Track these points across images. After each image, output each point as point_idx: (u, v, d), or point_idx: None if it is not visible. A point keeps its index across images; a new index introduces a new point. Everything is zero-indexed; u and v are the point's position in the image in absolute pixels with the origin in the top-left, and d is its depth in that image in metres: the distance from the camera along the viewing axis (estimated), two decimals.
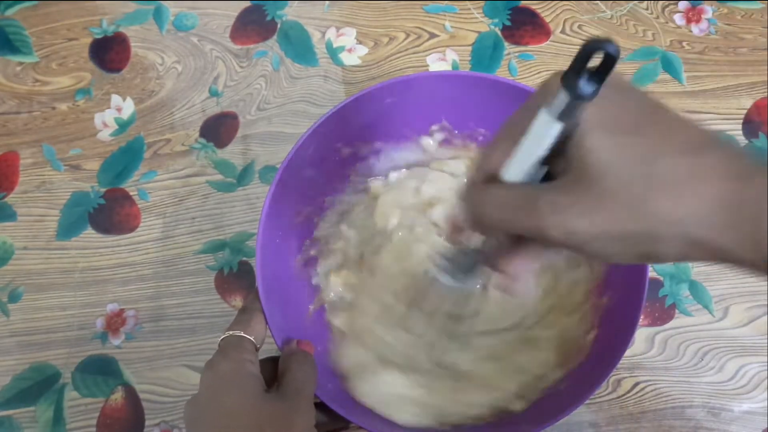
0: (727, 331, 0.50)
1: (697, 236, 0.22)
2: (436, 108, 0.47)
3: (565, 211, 0.23)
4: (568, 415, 0.38)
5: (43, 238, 0.54)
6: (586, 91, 0.21)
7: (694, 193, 0.22)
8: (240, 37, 0.60)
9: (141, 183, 0.55)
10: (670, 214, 0.22)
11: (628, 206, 0.22)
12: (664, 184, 0.22)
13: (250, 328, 0.37)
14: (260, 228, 0.40)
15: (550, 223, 0.23)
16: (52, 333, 0.51)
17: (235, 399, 0.32)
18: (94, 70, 0.60)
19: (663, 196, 0.22)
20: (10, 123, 0.58)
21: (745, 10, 0.60)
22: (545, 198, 0.24)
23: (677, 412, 0.48)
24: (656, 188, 0.22)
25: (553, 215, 0.23)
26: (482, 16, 0.61)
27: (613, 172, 0.22)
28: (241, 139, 0.56)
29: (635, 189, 0.22)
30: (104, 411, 0.49)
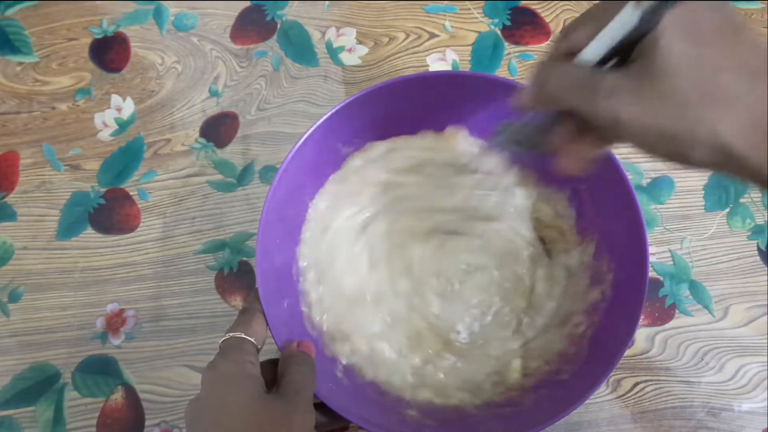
0: (727, 331, 0.50)
1: (730, 149, 0.24)
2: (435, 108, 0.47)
3: (620, 96, 0.25)
4: (567, 415, 0.38)
5: (43, 238, 0.54)
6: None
7: (740, 110, 0.24)
8: (240, 37, 0.60)
9: (141, 183, 0.55)
10: (712, 124, 0.24)
11: (680, 107, 0.25)
12: (718, 98, 0.24)
13: (251, 329, 0.37)
14: (260, 228, 0.40)
15: (602, 105, 0.26)
16: (52, 333, 0.51)
17: (235, 400, 0.32)
18: (94, 70, 0.60)
19: (714, 107, 0.24)
20: (10, 123, 0.58)
21: (745, 10, 0.60)
22: (607, 81, 0.26)
23: (677, 412, 0.48)
24: (708, 98, 0.24)
25: (608, 99, 0.26)
26: (482, 16, 0.61)
27: (677, 73, 0.24)
28: (241, 139, 0.56)
29: (692, 94, 0.24)
30: (104, 411, 0.49)
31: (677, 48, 0.24)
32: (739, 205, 0.54)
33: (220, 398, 0.33)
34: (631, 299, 0.40)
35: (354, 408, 0.41)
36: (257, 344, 0.37)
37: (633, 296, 0.40)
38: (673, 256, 0.52)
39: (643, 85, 0.25)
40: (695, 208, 0.54)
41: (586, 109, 0.27)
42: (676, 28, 0.25)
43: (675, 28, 0.25)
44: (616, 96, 0.25)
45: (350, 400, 0.43)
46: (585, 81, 0.27)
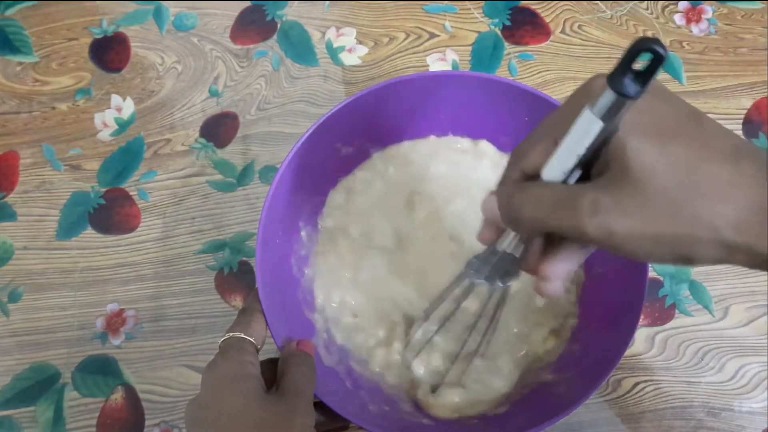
0: (727, 331, 0.50)
1: (733, 241, 0.23)
2: (436, 108, 0.47)
3: (607, 210, 0.24)
4: (568, 415, 0.38)
5: (43, 238, 0.54)
6: (631, 91, 0.22)
7: (733, 198, 0.23)
8: (240, 37, 0.60)
9: (141, 183, 0.55)
10: (709, 219, 0.23)
11: (670, 209, 0.23)
12: (705, 190, 0.23)
13: (251, 329, 0.37)
14: (260, 228, 0.40)
15: (590, 222, 0.24)
16: (52, 333, 0.51)
17: (235, 400, 0.32)
18: (94, 70, 0.60)
19: (703, 202, 0.23)
20: (10, 123, 0.58)
21: (745, 10, 0.60)
22: (587, 197, 0.24)
23: (677, 412, 0.48)
24: (697, 194, 0.23)
25: (594, 214, 0.24)
26: (482, 16, 0.61)
27: (656, 175, 0.23)
28: (241, 139, 0.56)
29: (677, 193, 0.23)
30: (104, 411, 0.49)
31: (647, 148, 0.23)
32: None
33: (221, 398, 0.33)
34: (631, 299, 0.40)
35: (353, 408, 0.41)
36: (257, 344, 0.37)
37: (633, 296, 0.40)
38: None
39: (626, 195, 0.24)
40: None
41: (573, 230, 0.25)
42: (638, 128, 0.24)
43: (637, 129, 0.24)
44: (601, 211, 0.24)
45: (350, 399, 0.43)
46: (564, 200, 0.25)
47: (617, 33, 0.59)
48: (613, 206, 0.24)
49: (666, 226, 0.23)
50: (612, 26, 0.60)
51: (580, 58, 0.58)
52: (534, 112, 0.44)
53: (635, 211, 0.23)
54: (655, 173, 0.23)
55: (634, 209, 0.23)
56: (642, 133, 0.24)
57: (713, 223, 0.23)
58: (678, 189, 0.23)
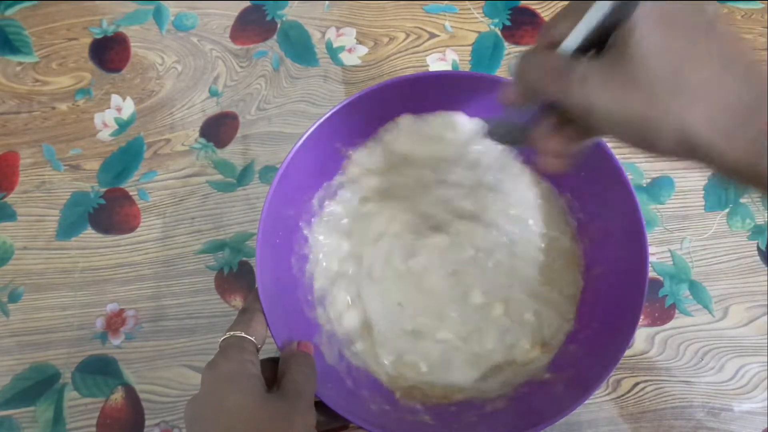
0: (727, 331, 0.50)
1: (696, 138, 0.25)
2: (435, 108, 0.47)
3: (594, 86, 0.26)
4: (567, 415, 0.38)
5: (43, 238, 0.54)
6: None
7: (705, 99, 0.25)
8: (240, 37, 0.60)
9: (141, 183, 0.55)
10: (682, 114, 0.25)
11: (650, 95, 0.25)
12: (687, 88, 0.25)
13: (251, 328, 0.37)
14: (260, 228, 0.40)
15: (576, 93, 0.26)
16: (52, 333, 0.51)
17: (235, 399, 0.32)
18: (94, 70, 0.60)
19: (682, 98, 0.25)
20: (10, 123, 0.58)
21: (745, 10, 0.60)
22: (579, 68, 0.27)
23: (677, 412, 0.48)
24: (680, 89, 0.25)
25: (581, 87, 0.26)
26: (482, 16, 0.61)
27: (649, 62, 0.25)
28: (241, 139, 0.56)
29: (662, 83, 0.25)
30: (104, 411, 0.49)
31: (650, 38, 0.25)
32: (739, 205, 0.54)
33: (221, 397, 0.33)
34: (631, 299, 0.40)
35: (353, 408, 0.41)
36: (257, 343, 0.37)
37: (633, 296, 0.40)
38: (673, 256, 0.52)
39: (615, 73, 0.26)
40: (695, 208, 0.54)
41: (560, 96, 0.27)
42: (650, 18, 0.25)
43: (649, 18, 0.25)
44: (588, 83, 0.26)
45: (350, 399, 0.43)
46: (560, 69, 0.27)
47: None
48: (600, 81, 0.26)
49: (639, 109, 0.25)
50: None
51: None
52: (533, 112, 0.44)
53: (617, 90, 0.25)
54: (649, 61, 0.25)
55: (617, 88, 0.25)
56: (651, 23, 0.25)
57: (681, 118, 0.25)
58: (662, 80, 0.25)
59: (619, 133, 0.27)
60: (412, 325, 0.47)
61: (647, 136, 0.26)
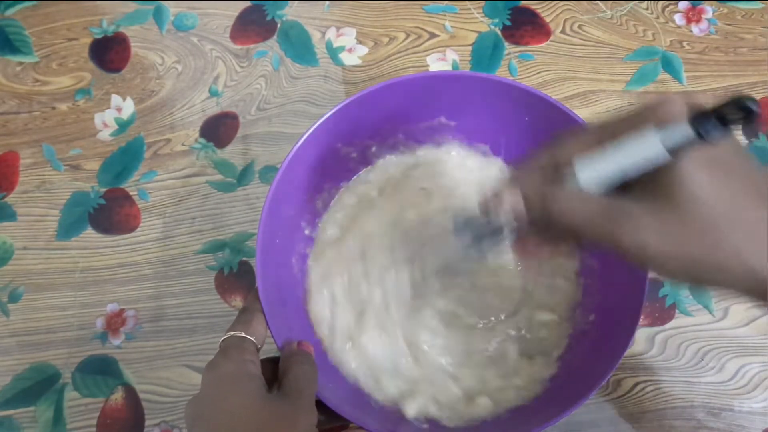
0: (728, 331, 0.50)
1: (757, 271, 0.25)
2: (436, 108, 0.47)
3: (645, 228, 0.26)
4: (568, 415, 0.38)
5: (43, 238, 0.54)
6: (714, 135, 0.23)
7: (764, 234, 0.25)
8: (240, 37, 0.60)
9: (141, 183, 0.55)
10: (740, 248, 0.25)
11: (707, 234, 0.25)
12: (743, 224, 0.25)
13: (251, 328, 0.37)
14: (260, 228, 0.40)
15: (626, 236, 0.26)
16: (52, 333, 0.51)
17: (236, 399, 0.32)
18: (94, 70, 0.60)
19: (739, 233, 0.25)
20: (10, 123, 0.58)
21: (745, 10, 0.60)
22: (627, 212, 0.26)
23: (677, 412, 0.48)
24: (736, 225, 0.25)
25: (632, 230, 0.26)
26: (482, 16, 0.61)
27: (703, 202, 0.25)
28: (241, 139, 0.56)
29: (717, 221, 0.25)
30: (104, 411, 0.49)
31: (699, 177, 0.25)
32: None
33: (222, 397, 0.33)
34: (631, 299, 0.40)
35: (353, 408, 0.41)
36: (258, 343, 0.37)
37: (633, 296, 0.40)
38: None
39: (666, 214, 0.25)
40: None
41: (608, 240, 0.26)
42: (698, 160, 0.25)
43: (696, 159, 0.25)
44: (641, 227, 0.26)
45: (350, 399, 0.43)
46: (607, 213, 0.26)
47: (617, 33, 0.59)
48: (653, 225, 0.25)
49: (699, 249, 0.25)
50: (612, 26, 0.60)
51: (581, 58, 0.58)
52: (534, 112, 0.44)
53: (674, 233, 0.25)
54: (702, 201, 0.25)
55: (672, 229, 0.25)
56: (701, 165, 0.25)
57: (740, 252, 0.25)
58: (718, 218, 0.25)
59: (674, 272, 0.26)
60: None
61: (708, 275, 0.26)
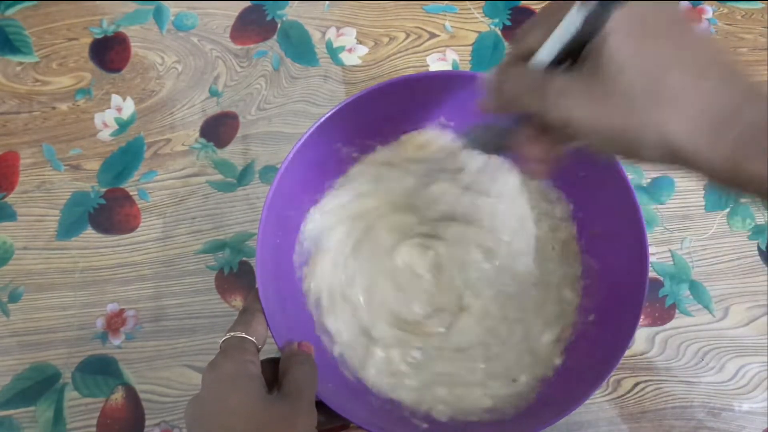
0: (728, 331, 0.50)
1: (678, 147, 0.25)
2: (436, 108, 0.47)
3: (571, 98, 0.26)
4: (568, 415, 0.38)
5: (43, 238, 0.54)
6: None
7: (687, 108, 0.25)
8: (240, 37, 0.60)
9: (141, 183, 0.55)
10: (661, 124, 0.25)
11: (628, 107, 0.25)
12: (665, 97, 0.25)
13: (251, 328, 0.37)
14: (260, 228, 0.40)
15: (554, 106, 0.26)
16: (52, 333, 0.51)
17: (237, 400, 0.32)
18: (94, 70, 0.60)
19: (661, 107, 0.25)
20: (10, 123, 0.58)
21: (745, 10, 0.60)
22: (556, 82, 0.26)
23: (677, 412, 0.48)
24: (657, 98, 0.25)
25: (558, 99, 0.26)
26: (482, 16, 0.61)
27: (625, 73, 0.25)
28: (241, 139, 0.56)
29: (639, 94, 0.25)
30: (104, 411, 0.49)
31: (624, 48, 0.25)
32: (740, 205, 0.54)
33: (222, 398, 0.33)
34: (631, 299, 0.40)
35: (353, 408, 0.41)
36: (258, 344, 0.37)
37: (633, 296, 0.40)
38: (673, 256, 0.52)
39: (591, 86, 0.25)
40: (695, 208, 0.54)
41: (539, 111, 0.27)
42: (623, 27, 0.25)
43: (622, 27, 0.25)
44: (566, 97, 0.26)
45: (350, 399, 0.43)
46: (537, 83, 0.27)
47: None
48: (577, 95, 0.26)
49: (619, 121, 0.25)
50: None
51: None
52: None
53: (595, 103, 0.25)
54: (624, 72, 0.25)
55: (595, 101, 0.25)
56: (624, 32, 0.25)
57: (661, 129, 0.25)
58: (639, 90, 0.25)
59: (601, 145, 0.27)
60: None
61: (629, 147, 0.26)
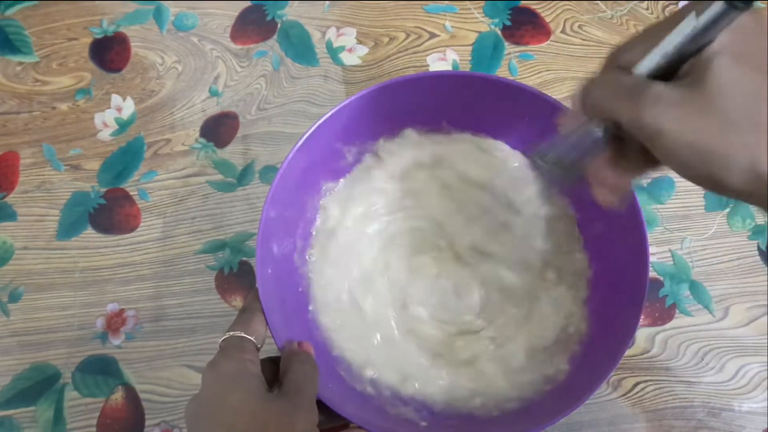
0: (728, 331, 0.50)
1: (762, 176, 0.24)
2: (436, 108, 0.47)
3: (666, 108, 0.25)
4: (568, 415, 0.38)
5: (43, 238, 0.54)
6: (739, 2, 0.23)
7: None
8: (240, 36, 0.60)
9: (141, 183, 0.55)
10: (756, 150, 0.24)
11: (725, 128, 0.24)
12: (762, 126, 0.24)
13: (251, 328, 0.37)
14: (260, 228, 0.40)
15: (647, 112, 0.25)
16: (52, 333, 0.51)
17: (237, 398, 0.32)
18: (94, 70, 0.60)
19: (757, 133, 0.24)
20: (10, 123, 0.58)
21: None
22: (654, 90, 0.26)
23: (677, 412, 0.48)
24: (757, 126, 0.24)
25: (653, 107, 0.25)
26: (482, 16, 0.61)
27: (728, 95, 0.24)
28: (241, 139, 0.56)
29: (739, 118, 0.24)
30: (104, 411, 0.49)
31: (731, 70, 0.24)
32: (740, 205, 0.54)
33: (222, 397, 0.33)
34: (631, 299, 0.40)
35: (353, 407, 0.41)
36: (257, 343, 0.37)
37: (633, 296, 0.40)
38: (674, 256, 0.52)
39: (691, 100, 0.25)
40: (695, 208, 0.54)
41: (630, 116, 0.26)
42: (730, 50, 0.25)
43: (728, 50, 0.25)
44: (662, 105, 0.25)
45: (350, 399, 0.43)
46: (631, 88, 0.26)
47: (618, 33, 0.59)
48: (673, 105, 0.25)
49: (711, 142, 0.24)
50: (612, 26, 0.60)
51: (581, 58, 0.58)
52: (534, 112, 0.44)
53: (691, 117, 0.25)
54: (728, 93, 0.24)
55: (691, 116, 0.25)
56: (731, 55, 0.25)
57: (755, 154, 0.24)
58: (740, 114, 0.24)
59: (685, 163, 0.25)
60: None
61: (715, 170, 0.25)
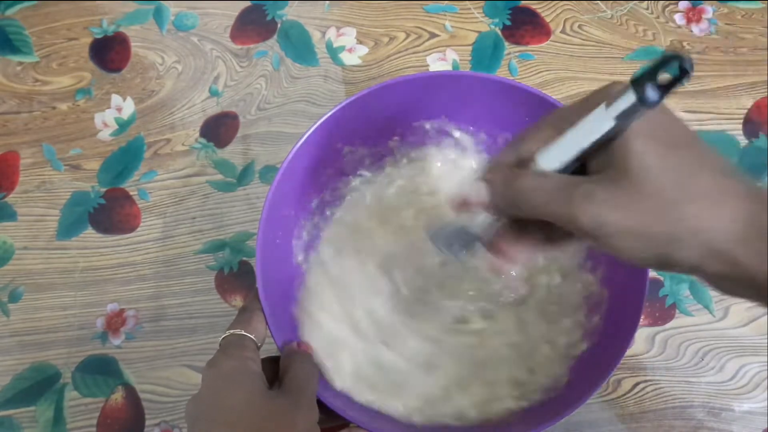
0: (728, 331, 0.50)
1: (716, 246, 0.24)
2: (436, 108, 0.47)
3: (601, 203, 0.25)
4: (568, 416, 0.38)
5: (44, 238, 0.54)
6: (652, 98, 0.23)
7: (722, 207, 0.24)
8: (240, 36, 0.60)
9: (141, 183, 0.55)
10: (698, 222, 0.24)
11: (662, 209, 0.25)
12: (698, 197, 0.25)
13: (251, 327, 0.37)
14: (260, 228, 0.40)
15: (583, 212, 0.25)
16: (52, 333, 0.51)
17: (237, 397, 0.32)
18: (95, 69, 0.60)
19: (695, 206, 0.24)
20: (10, 123, 0.58)
21: (745, 10, 0.60)
22: (583, 188, 0.26)
23: (677, 412, 0.48)
24: (690, 198, 0.24)
25: (588, 205, 0.25)
26: (482, 15, 0.61)
27: (654, 177, 0.25)
28: (241, 139, 0.56)
29: (671, 195, 0.25)
30: (104, 411, 0.49)
31: (651, 152, 0.25)
32: None
33: (223, 395, 0.33)
34: (631, 299, 0.40)
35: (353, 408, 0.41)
36: (257, 342, 0.37)
37: (633, 296, 0.40)
38: None
39: (621, 189, 0.25)
40: None
41: (567, 218, 0.26)
42: (645, 133, 0.25)
43: (643, 133, 0.25)
44: (594, 202, 0.25)
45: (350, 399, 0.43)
46: (563, 190, 0.26)
47: (617, 33, 0.59)
48: (607, 199, 0.25)
49: (655, 224, 0.25)
50: (612, 26, 0.60)
51: (581, 58, 0.58)
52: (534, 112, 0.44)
53: (628, 206, 0.25)
54: (654, 175, 0.25)
55: (628, 205, 0.25)
56: (648, 138, 0.25)
57: (701, 227, 0.24)
58: (672, 192, 0.25)
59: (633, 249, 0.25)
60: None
61: (665, 249, 0.25)
